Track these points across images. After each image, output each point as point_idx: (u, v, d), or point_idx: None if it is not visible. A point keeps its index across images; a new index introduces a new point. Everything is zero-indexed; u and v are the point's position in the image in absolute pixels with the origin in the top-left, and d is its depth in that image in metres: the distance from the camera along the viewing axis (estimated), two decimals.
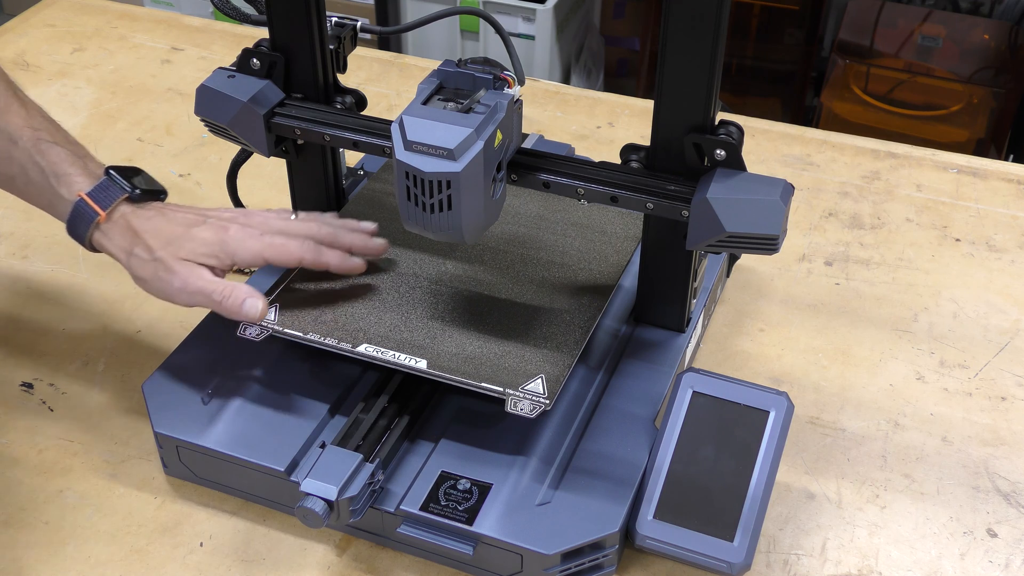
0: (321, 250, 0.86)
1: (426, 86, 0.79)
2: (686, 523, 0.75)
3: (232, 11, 0.92)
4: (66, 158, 0.85)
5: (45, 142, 0.85)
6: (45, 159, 0.84)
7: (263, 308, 0.82)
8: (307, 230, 0.87)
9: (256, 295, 0.82)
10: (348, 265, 0.87)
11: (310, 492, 0.74)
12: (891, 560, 0.81)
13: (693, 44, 0.74)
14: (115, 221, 0.84)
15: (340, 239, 0.88)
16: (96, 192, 0.84)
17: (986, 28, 2.41)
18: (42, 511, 0.84)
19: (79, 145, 0.88)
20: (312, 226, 0.87)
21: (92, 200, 0.84)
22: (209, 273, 0.83)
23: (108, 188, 0.84)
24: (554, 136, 1.25)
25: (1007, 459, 0.88)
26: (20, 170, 0.85)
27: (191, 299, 0.82)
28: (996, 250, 1.10)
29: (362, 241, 0.89)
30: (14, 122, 0.85)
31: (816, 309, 1.03)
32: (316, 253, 0.85)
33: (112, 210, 0.84)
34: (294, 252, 0.84)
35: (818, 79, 2.56)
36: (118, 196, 0.84)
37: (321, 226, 0.88)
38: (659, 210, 0.80)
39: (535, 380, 0.79)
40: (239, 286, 0.82)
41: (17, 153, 0.84)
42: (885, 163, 1.22)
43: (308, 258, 0.85)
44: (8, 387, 0.94)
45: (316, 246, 0.86)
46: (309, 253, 0.85)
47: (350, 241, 0.88)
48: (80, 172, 0.85)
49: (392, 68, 1.39)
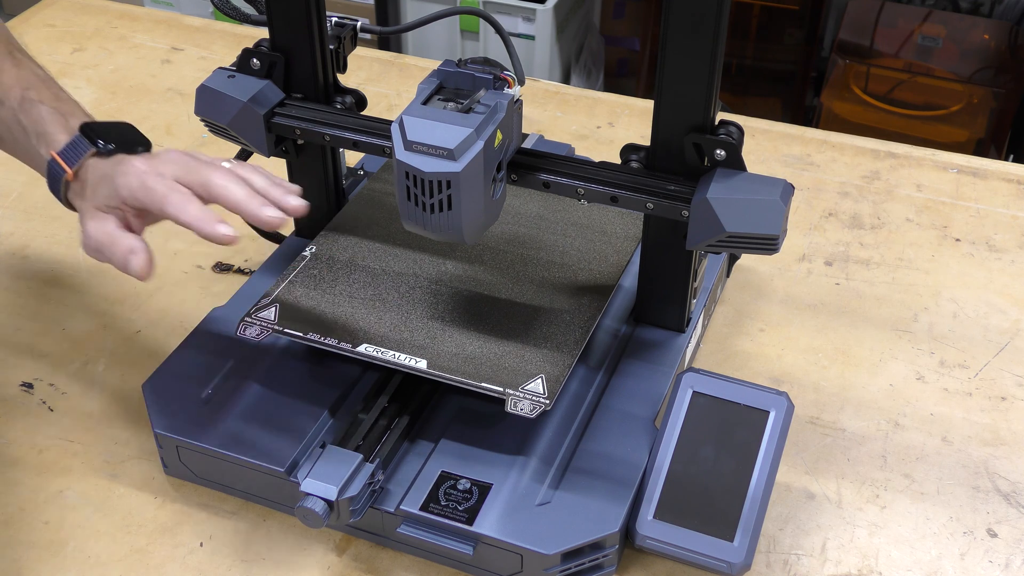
0: (187, 205, 0.76)
1: (426, 86, 0.79)
2: (686, 523, 0.75)
3: (232, 11, 0.92)
4: (47, 116, 0.83)
5: (30, 101, 0.83)
6: (28, 118, 0.83)
7: (142, 264, 0.76)
8: (203, 176, 0.77)
9: (138, 249, 0.76)
10: (206, 230, 0.75)
11: (310, 492, 0.74)
12: (891, 560, 0.81)
13: (693, 44, 0.74)
14: (81, 179, 0.81)
15: (228, 193, 0.77)
16: (67, 150, 0.81)
17: (986, 28, 2.41)
18: (42, 511, 0.84)
19: (67, 101, 0.85)
20: (210, 173, 0.78)
21: (62, 159, 0.81)
22: (114, 224, 0.78)
23: (77, 145, 0.81)
24: (554, 136, 1.25)
25: (1007, 459, 0.88)
26: (6, 130, 0.84)
27: (95, 255, 0.78)
28: (996, 250, 1.10)
29: (250, 208, 0.77)
30: (4, 81, 0.84)
31: (816, 309, 1.03)
32: (179, 207, 0.75)
33: (79, 168, 0.81)
34: (157, 198, 0.76)
35: (818, 79, 2.56)
36: (85, 152, 0.81)
37: (221, 175, 0.78)
38: (659, 210, 0.80)
39: (535, 380, 0.79)
40: (124, 238, 0.77)
41: (4, 113, 0.84)
42: (885, 163, 1.22)
43: (169, 209, 0.76)
44: (8, 387, 0.94)
45: (185, 198, 0.76)
46: (172, 204, 0.76)
47: (237, 199, 0.77)
48: (60, 130, 0.82)
49: (392, 68, 1.39)
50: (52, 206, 1.11)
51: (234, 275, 1.06)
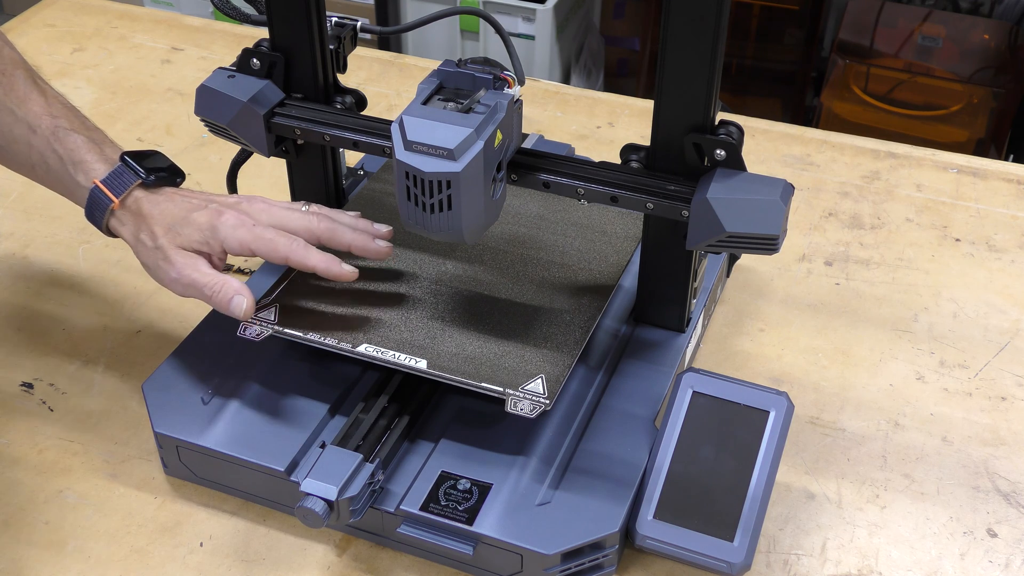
0: (309, 252, 0.83)
1: (426, 86, 0.79)
2: (686, 523, 0.75)
3: (232, 11, 0.92)
4: (83, 145, 0.85)
5: (63, 129, 0.86)
6: (63, 147, 0.85)
7: (248, 306, 0.81)
8: (305, 224, 0.84)
9: (245, 292, 0.81)
10: (334, 271, 0.83)
11: (310, 492, 0.74)
12: (891, 560, 0.81)
13: (693, 44, 0.74)
14: (128, 207, 0.84)
15: (338, 237, 0.85)
16: (110, 179, 0.84)
17: (986, 28, 2.41)
18: (42, 511, 0.84)
19: (97, 131, 0.88)
20: (312, 220, 0.85)
21: (106, 187, 0.84)
22: (206, 264, 0.82)
23: (122, 175, 0.85)
24: (554, 136, 1.25)
25: (1007, 459, 0.88)
26: (40, 158, 0.86)
27: (185, 291, 0.82)
28: (996, 250, 1.10)
29: (362, 241, 0.85)
30: (34, 111, 0.86)
31: (816, 309, 1.03)
32: (302, 254, 0.82)
33: (125, 196, 0.84)
34: (280, 249, 0.82)
35: (818, 79, 2.56)
36: (132, 183, 0.84)
37: (321, 220, 0.85)
38: (659, 210, 0.80)
39: (535, 380, 0.79)
40: (230, 282, 0.82)
41: (37, 142, 0.85)
42: (885, 163, 1.22)
43: (293, 258, 0.82)
44: (8, 387, 0.94)
45: (304, 246, 0.83)
46: (295, 253, 0.82)
47: (349, 240, 0.85)
48: (97, 159, 0.85)
49: (392, 68, 1.39)
50: (52, 206, 1.12)
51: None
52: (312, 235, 0.84)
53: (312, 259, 0.83)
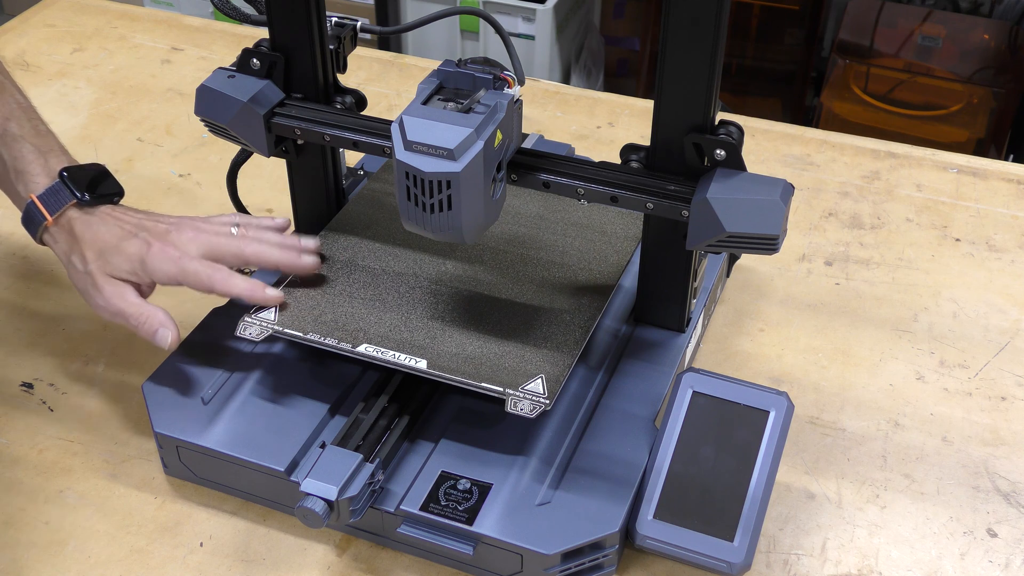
0: (232, 280, 0.84)
1: (426, 86, 0.79)
2: (686, 523, 0.75)
3: (232, 11, 0.92)
4: (28, 154, 0.86)
5: (11, 135, 0.86)
6: (9, 152, 0.86)
7: (173, 339, 0.83)
8: (234, 249, 0.86)
9: (169, 325, 0.83)
10: (258, 296, 0.85)
11: (310, 492, 0.74)
12: (891, 560, 0.81)
13: (693, 44, 0.74)
14: (61, 225, 0.86)
15: (266, 257, 0.86)
16: (47, 195, 0.85)
17: (986, 28, 2.41)
18: (42, 511, 0.84)
19: (47, 136, 0.89)
20: (240, 244, 0.86)
21: (42, 204, 0.85)
22: (133, 293, 0.84)
23: (59, 192, 0.86)
24: (554, 136, 1.25)
25: (1007, 459, 0.88)
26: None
27: (112, 318, 0.84)
28: (996, 250, 1.10)
29: (289, 259, 0.87)
30: None
31: (816, 309, 1.03)
32: (227, 285, 0.84)
33: (59, 216, 0.85)
34: (204, 281, 0.84)
35: (818, 79, 2.56)
36: (67, 201, 0.85)
37: (248, 244, 0.86)
38: (659, 210, 0.80)
39: (535, 380, 0.79)
40: (155, 313, 0.83)
41: None
42: (885, 163, 1.22)
43: (218, 288, 0.84)
44: (8, 387, 0.94)
45: (228, 276, 0.84)
46: (219, 285, 0.84)
47: (276, 259, 0.86)
48: (40, 171, 0.86)
49: (392, 68, 1.39)
50: None
51: None
52: (241, 259, 0.86)
53: (237, 288, 0.85)
